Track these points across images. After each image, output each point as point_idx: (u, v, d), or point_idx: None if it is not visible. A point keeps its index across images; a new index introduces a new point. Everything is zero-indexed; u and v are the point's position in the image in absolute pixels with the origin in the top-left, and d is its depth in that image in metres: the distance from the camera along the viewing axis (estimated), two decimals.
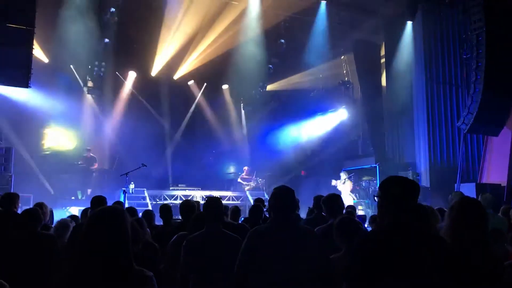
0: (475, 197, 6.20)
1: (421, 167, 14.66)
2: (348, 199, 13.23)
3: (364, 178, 15.39)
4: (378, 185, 14.09)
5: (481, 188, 11.23)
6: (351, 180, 14.44)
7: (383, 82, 16.61)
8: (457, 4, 14.11)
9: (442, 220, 4.28)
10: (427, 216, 3.34)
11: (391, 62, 15.81)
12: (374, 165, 15.01)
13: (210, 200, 3.89)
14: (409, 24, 15.19)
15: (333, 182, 14.31)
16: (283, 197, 3.25)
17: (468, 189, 11.12)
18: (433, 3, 14.74)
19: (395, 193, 2.41)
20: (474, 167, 14.33)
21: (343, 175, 14.46)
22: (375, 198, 2.57)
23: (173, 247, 4.02)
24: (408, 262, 2.25)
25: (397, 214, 2.38)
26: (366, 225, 7.23)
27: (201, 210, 4.05)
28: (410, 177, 13.67)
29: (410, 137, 15.41)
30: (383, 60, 16.80)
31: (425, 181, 14.13)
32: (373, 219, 6.83)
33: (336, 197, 4.82)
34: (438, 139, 14.66)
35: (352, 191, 14.32)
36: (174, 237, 4.17)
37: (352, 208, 7.60)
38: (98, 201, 5.17)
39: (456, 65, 14.90)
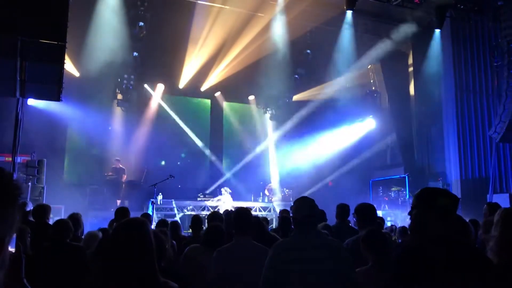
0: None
1: (452, 177, 14.37)
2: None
3: (393, 189, 15.15)
4: (408, 196, 13.89)
5: None
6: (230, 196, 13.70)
7: (412, 91, 16.36)
8: (487, 11, 13.84)
9: (474, 232, 4.17)
10: (467, 229, 3.20)
11: (420, 71, 15.56)
12: (403, 176, 14.78)
13: (239, 211, 3.80)
14: (437, 32, 14.91)
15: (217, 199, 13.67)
16: (304, 209, 3.13)
17: (502, 200, 10.83)
18: (462, 10, 14.47)
19: (444, 204, 2.30)
20: (507, 177, 13.95)
21: (224, 191, 13.76)
22: (412, 209, 2.39)
23: (183, 259, 4.05)
24: (453, 277, 2.14)
25: (445, 226, 2.27)
26: (394, 237, 7.06)
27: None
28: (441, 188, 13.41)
29: (440, 147, 15.12)
30: (411, 69, 16.57)
31: (455, 192, 13.76)
32: (403, 231, 6.69)
33: (369, 207, 4.49)
34: (469, 149, 14.34)
35: (379, 201, 14.01)
36: (186, 249, 4.20)
37: (380, 220, 7.43)
38: (121, 212, 5.27)
39: (487, 73, 14.59)
